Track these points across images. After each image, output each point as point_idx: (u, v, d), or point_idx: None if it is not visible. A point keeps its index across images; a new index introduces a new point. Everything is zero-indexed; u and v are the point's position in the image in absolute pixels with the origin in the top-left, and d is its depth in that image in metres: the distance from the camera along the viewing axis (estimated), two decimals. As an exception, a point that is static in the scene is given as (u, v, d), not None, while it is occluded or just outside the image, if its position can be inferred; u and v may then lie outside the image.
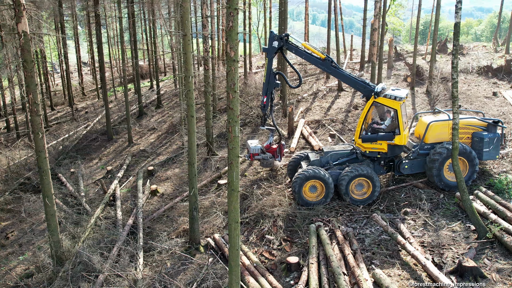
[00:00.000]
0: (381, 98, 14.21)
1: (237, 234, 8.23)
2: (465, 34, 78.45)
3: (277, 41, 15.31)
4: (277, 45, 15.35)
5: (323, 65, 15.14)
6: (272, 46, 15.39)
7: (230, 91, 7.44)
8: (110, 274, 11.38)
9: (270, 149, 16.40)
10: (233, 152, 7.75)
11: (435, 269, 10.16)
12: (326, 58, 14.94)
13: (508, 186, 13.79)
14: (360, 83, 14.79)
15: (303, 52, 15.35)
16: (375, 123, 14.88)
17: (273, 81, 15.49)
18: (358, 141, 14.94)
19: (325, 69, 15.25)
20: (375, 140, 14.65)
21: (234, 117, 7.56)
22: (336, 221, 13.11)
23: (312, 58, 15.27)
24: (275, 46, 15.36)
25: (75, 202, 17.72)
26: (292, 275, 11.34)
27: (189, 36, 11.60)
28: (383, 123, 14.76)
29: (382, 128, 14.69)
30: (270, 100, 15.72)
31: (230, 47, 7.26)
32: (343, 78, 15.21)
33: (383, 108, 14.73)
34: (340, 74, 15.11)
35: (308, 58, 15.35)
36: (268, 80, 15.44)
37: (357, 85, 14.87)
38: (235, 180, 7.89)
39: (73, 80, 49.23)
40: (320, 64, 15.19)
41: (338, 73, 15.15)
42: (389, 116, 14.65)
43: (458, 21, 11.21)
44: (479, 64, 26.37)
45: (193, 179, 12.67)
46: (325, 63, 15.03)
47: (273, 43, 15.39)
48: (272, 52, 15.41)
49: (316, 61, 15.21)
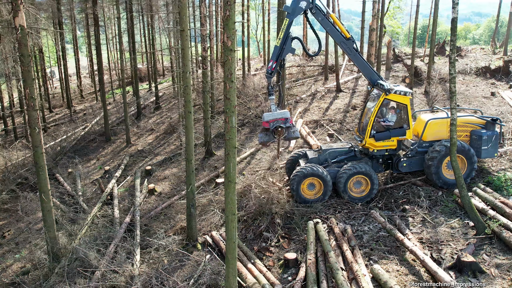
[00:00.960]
0: (392, 95, 14.12)
1: (234, 226, 8.17)
2: (463, 38, 78.71)
3: (305, 1, 13.58)
4: (304, 6, 13.62)
5: (346, 44, 14.14)
6: (299, 6, 13.60)
7: (227, 81, 7.40)
8: (106, 270, 11.30)
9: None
10: (230, 143, 7.71)
11: (433, 264, 10.09)
12: (350, 38, 14.15)
13: (506, 183, 13.75)
14: (376, 74, 14.72)
15: (330, 24, 14.04)
16: (381, 121, 14.71)
17: (289, 46, 13.77)
18: (369, 140, 14.44)
19: (346, 48, 14.23)
20: (388, 137, 14.48)
21: (231, 107, 7.52)
22: (335, 218, 13.05)
23: (336, 33, 14.09)
24: (302, 6, 13.60)
25: (72, 201, 17.66)
26: (290, 271, 11.28)
27: (186, 31, 11.58)
28: (386, 119, 14.65)
29: (390, 125, 14.59)
30: (280, 66, 14.00)
31: (227, 36, 7.23)
32: (360, 63, 14.59)
33: (387, 104, 14.63)
34: (359, 58, 14.49)
35: (333, 32, 14.09)
36: (283, 44, 13.64)
37: (371, 74, 14.66)
38: (232, 171, 7.85)
39: (72, 83, 49.27)
40: (343, 43, 14.16)
41: (357, 57, 14.42)
42: (394, 112, 14.57)
43: (455, 16, 11.22)
44: (477, 65, 26.40)
45: (190, 176, 12.62)
46: (349, 43, 14.08)
47: (300, 3, 13.56)
48: (297, 13, 13.66)
49: (340, 37, 14.13)
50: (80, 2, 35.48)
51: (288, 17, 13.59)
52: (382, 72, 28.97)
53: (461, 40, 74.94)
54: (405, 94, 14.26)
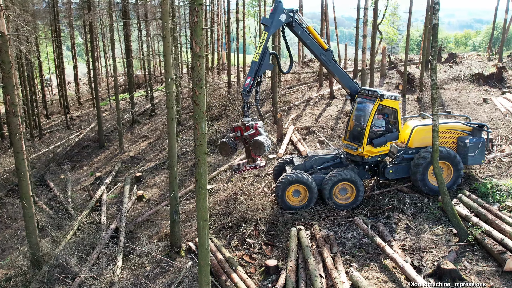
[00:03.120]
0: (385, 100, 14.00)
1: (206, 233, 8.14)
2: (463, 45, 78.76)
3: (285, 14, 13.15)
4: (284, 19, 13.16)
5: (325, 56, 14.03)
6: (279, 19, 13.11)
7: (196, 87, 7.40)
8: (86, 277, 11.27)
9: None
10: (200, 149, 7.70)
11: (412, 271, 10.04)
12: (328, 49, 14.14)
13: (492, 190, 13.68)
14: (354, 83, 14.85)
15: (310, 37, 13.84)
16: (375, 127, 14.61)
17: (267, 62, 13.22)
18: (367, 148, 14.26)
19: (325, 60, 14.11)
20: (385, 143, 14.45)
21: (200, 113, 7.52)
22: (318, 225, 13.00)
23: (316, 45, 13.94)
24: (281, 20, 13.13)
25: (61, 208, 17.65)
26: (271, 278, 11.21)
27: (168, 38, 11.63)
28: (377, 125, 14.60)
29: (382, 130, 14.56)
30: (257, 85, 13.34)
31: (195, 42, 7.25)
32: (339, 74, 14.57)
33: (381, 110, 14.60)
34: (338, 69, 14.48)
35: (313, 44, 13.91)
36: (262, 60, 13.04)
37: (349, 83, 14.76)
38: (202, 177, 7.83)
39: (71, 90, 49.48)
40: (322, 55, 14.02)
41: (337, 68, 14.41)
42: (382, 118, 14.55)
43: (436, 23, 11.23)
44: (471, 72, 26.37)
45: (173, 182, 12.61)
46: (328, 54, 14.07)
47: (280, 16, 13.07)
48: (276, 26, 13.20)
49: (319, 49, 13.98)
50: (77, 10, 35.68)
51: (267, 31, 13.14)
52: (377, 79, 29.01)
53: (461, 47, 75.04)
54: (395, 99, 14.32)
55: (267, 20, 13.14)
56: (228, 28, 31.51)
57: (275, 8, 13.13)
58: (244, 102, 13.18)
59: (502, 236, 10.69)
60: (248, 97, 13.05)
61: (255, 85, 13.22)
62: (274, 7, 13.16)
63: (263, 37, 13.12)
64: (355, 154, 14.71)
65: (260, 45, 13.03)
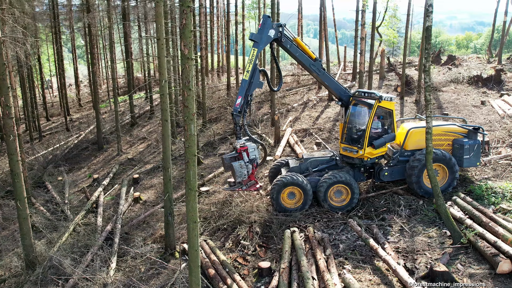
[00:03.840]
0: (383, 101, 14.02)
1: (196, 234, 8.15)
2: (464, 48, 78.66)
3: (274, 30, 13.03)
4: (273, 35, 13.04)
5: (315, 66, 14.03)
6: (268, 35, 12.96)
7: (185, 89, 7.43)
8: (79, 278, 11.28)
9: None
10: (189, 151, 7.72)
11: (405, 274, 10.03)
12: (316, 58, 14.14)
13: (487, 192, 13.66)
14: (343, 89, 14.85)
15: (299, 50, 13.81)
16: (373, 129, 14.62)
17: (257, 80, 12.99)
18: (368, 150, 14.19)
19: (315, 70, 14.10)
20: (384, 144, 14.45)
21: (189, 115, 7.54)
22: (313, 227, 12.99)
23: (305, 57, 13.91)
24: (270, 35, 12.99)
25: (58, 209, 17.70)
26: (264, 280, 11.20)
27: (162, 40, 11.66)
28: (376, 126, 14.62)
29: (380, 131, 14.56)
30: (246, 104, 13.11)
31: (184, 44, 7.28)
32: (329, 81, 14.64)
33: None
34: (328, 77, 14.57)
35: (302, 56, 13.89)
36: (252, 77, 12.82)
37: (340, 90, 14.80)
38: (192, 179, 7.85)
39: (71, 92, 49.58)
40: (311, 65, 14.02)
41: (326, 76, 14.50)
42: (377, 119, 14.55)
43: (430, 25, 11.25)
44: (469, 74, 26.33)
45: (167, 184, 12.62)
46: (317, 64, 14.09)
47: (269, 31, 12.93)
48: (265, 42, 13.03)
49: (309, 60, 13.98)
50: (78, 12, 35.80)
51: (256, 47, 12.90)
52: (376, 81, 28.99)
53: (462, 50, 74.92)
54: (391, 100, 14.34)
55: (256, 36, 12.93)
56: (227, 30, 31.54)
57: (263, 23, 12.98)
58: (235, 123, 12.92)
59: (495, 239, 10.68)
60: (239, 117, 12.75)
61: (245, 105, 12.89)
62: (262, 23, 13.01)
63: (252, 53, 12.85)
64: (355, 157, 14.57)
65: (250, 62, 12.78)
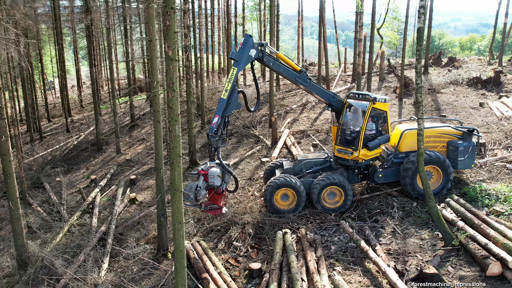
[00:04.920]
0: (377, 103, 14.00)
1: (181, 235, 8.17)
2: (468, 50, 78.41)
3: (255, 49, 12.89)
4: (254, 54, 12.87)
5: (300, 78, 13.96)
6: (249, 54, 12.81)
7: (170, 90, 7.46)
8: (70, 278, 11.32)
9: (213, 196, 12.58)
10: (174, 152, 7.75)
11: (394, 276, 10.00)
12: (301, 70, 14.07)
13: (481, 194, 13.60)
14: (331, 95, 14.80)
15: (282, 65, 13.76)
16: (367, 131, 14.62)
17: (235, 101, 12.58)
18: (363, 151, 14.15)
19: (301, 82, 14.01)
20: (379, 145, 14.45)
21: (174, 116, 7.57)
22: (305, 229, 12.98)
23: (289, 71, 13.87)
24: (251, 55, 12.84)
25: (54, 210, 17.77)
26: (254, 282, 11.22)
27: (154, 41, 11.70)
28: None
29: (374, 133, 14.56)
30: (223, 126, 12.50)
31: (168, 46, 7.30)
32: (317, 90, 14.57)
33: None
34: (315, 86, 14.52)
35: (286, 71, 13.85)
36: (230, 98, 12.43)
37: (329, 96, 14.76)
38: (177, 180, 7.88)
39: (74, 93, 49.79)
40: (297, 77, 13.95)
41: (313, 85, 14.43)
42: (371, 120, 14.52)
43: (421, 26, 11.24)
44: (469, 76, 26.25)
45: (160, 185, 12.66)
46: (302, 75, 14.00)
47: (250, 51, 12.78)
48: (246, 62, 12.90)
49: (293, 74, 13.92)
50: (79, 13, 35.96)
51: (236, 66, 12.62)
52: (375, 83, 28.95)
53: (466, 52, 74.70)
54: (385, 101, 14.33)
55: (236, 54, 12.69)
56: (227, 32, 31.60)
57: (244, 42, 12.80)
58: (210, 144, 12.32)
59: (486, 241, 10.63)
60: (214, 138, 12.21)
61: (222, 126, 12.41)
62: (244, 42, 12.83)
63: (231, 73, 12.58)
64: (350, 159, 14.52)
65: (229, 81, 12.48)
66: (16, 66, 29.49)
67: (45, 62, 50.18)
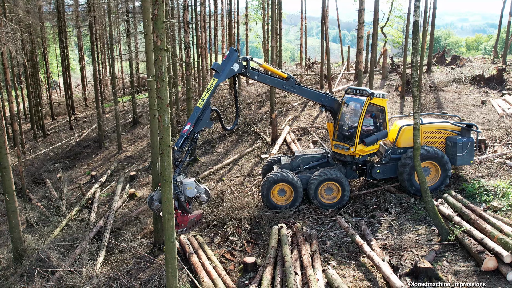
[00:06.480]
0: (375, 99, 13.98)
1: (172, 226, 8.16)
2: (474, 50, 77.94)
3: (238, 64, 12.78)
4: (237, 69, 12.76)
5: (288, 85, 14.00)
6: (231, 68, 12.62)
7: (159, 80, 7.45)
8: (65, 271, 11.36)
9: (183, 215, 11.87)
10: (163, 142, 7.74)
11: (388, 270, 9.93)
12: (289, 77, 14.03)
13: (479, 190, 13.49)
14: (323, 95, 14.78)
15: (267, 76, 13.86)
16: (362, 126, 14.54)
17: (207, 118, 12.23)
18: (359, 147, 14.10)
19: (290, 89, 14.06)
20: (375, 141, 14.38)
21: (163, 106, 7.57)
22: (301, 224, 12.95)
23: (276, 80, 13.97)
24: (234, 69, 12.68)
25: (55, 205, 17.87)
26: (249, 275, 11.20)
27: (150, 35, 11.70)
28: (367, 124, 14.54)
29: (372, 128, 14.50)
30: (191, 142, 12.19)
31: (156, 35, 7.30)
32: (307, 94, 14.64)
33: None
34: (305, 90, 14.54)
35: (273, 81, 13.95)
36: (202, 115, 12.11)
37: (320, 97, 14.73)
38: (167, 170, 7.87)
39: (78, 92, 50.02)
40: (285, 85, 14.02)
41: (303, 90, 14.43)
42: (369, 116, 14.46)
43: (416, 20, 11.16)
44: (472, 74, 26.08)
45: (156, 179, 12.67)
46: (290, 82, 13.98)
47: (233, 65, 12.64)
48: (227, 75, 12.67)
49: (281, 82, 14.02)
50: (83, 11, 36.13)
51: (216, 77, 12.41)
52: (378, 81, 28.85)
53: (472, 51, 74.26)
54: (383, 97, 14.27)
55: (218, 66, 12.50)
56: (229, 30, 31.62)
57: (229, 56, 12.71)
58: (174, 158, 11.72)
59: (482, 236, 10.54)
60: (180, 153, 11.81)
61: (189, 141, 12.08)
62: (228, 55, 12.73)
63: (211, 83, 12.42)
64: (347, 154, 14.51)
65: (207, 91, 12.33)
66: (20, 65, 29.73)
67: (51, 61, 50.53)
